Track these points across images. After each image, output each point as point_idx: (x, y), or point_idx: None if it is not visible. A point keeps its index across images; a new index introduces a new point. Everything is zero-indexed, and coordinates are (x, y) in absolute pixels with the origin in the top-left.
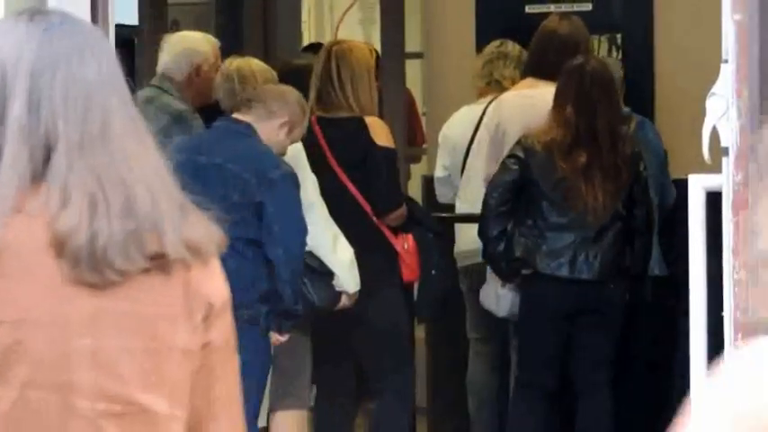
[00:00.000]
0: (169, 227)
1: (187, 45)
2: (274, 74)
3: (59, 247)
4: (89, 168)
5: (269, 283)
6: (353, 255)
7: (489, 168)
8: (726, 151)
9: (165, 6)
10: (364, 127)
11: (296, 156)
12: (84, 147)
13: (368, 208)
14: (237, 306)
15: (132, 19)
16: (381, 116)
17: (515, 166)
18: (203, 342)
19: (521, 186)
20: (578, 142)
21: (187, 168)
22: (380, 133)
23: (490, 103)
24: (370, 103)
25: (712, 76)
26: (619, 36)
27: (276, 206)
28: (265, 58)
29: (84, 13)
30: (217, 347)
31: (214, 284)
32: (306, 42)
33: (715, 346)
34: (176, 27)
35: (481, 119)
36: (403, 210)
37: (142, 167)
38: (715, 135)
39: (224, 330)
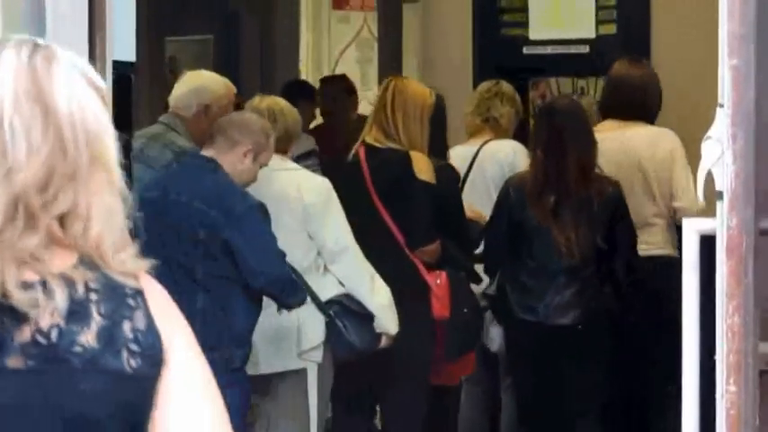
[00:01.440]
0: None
1: (199, 83)
2: (297, 113)
3: None
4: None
5: (247, 321)
6: (391, 295)
7: None
8: (720, 195)
9: (163, 43)
10: (408, 160)
11: (328, 200)
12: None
13: (402, 240)
14: (208, 349)
15: (130, 55)
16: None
17: (500, 211)
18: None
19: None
20: (548, 184)
21: (157, 205)
22: (423, 168)
23: (485, 143)
24: (420, 140)
25: (709, 119)
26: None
27: (246, 239)
28: (262, 95)
29: (81, 48)
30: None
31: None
32: (304, 78)
33: (707, 390)
34: (174, 63)
35: (474, 160)
36: (437, 245)
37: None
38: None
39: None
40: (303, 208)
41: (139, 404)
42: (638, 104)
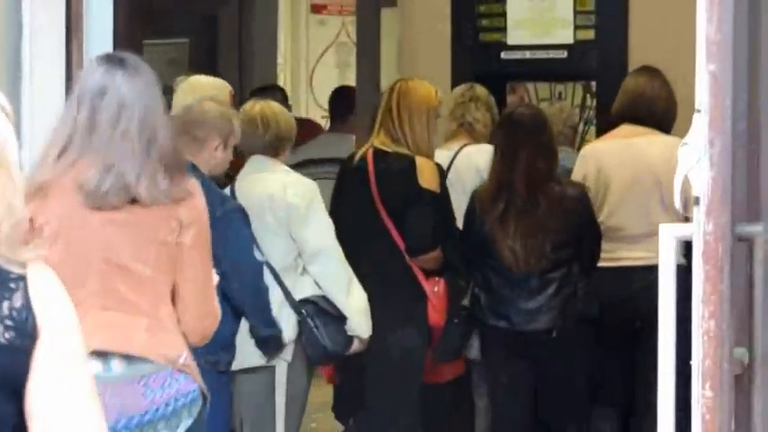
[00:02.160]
0: (153, 184)
1: (207, 94)
2: (291, 118)
3: (80, 188)
4: (114, 148)
5: (231, 327)
6: (367, 300)
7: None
8: (697, 201)
9: (141, 47)
10: (413, 166)
11: (311, 201)
12: (111, 137)
13: (402, 246)
14: (198, 354)
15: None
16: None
17: (468, 218)
18: (176, 241)
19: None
20: (499, 191)
21: None
22: (427, 175)
23: (462, 148)
24: (426, 143)
25: (685, 120)
26: (593, 84)
27: (222, 244)
28: (240, 100)
29: (58, 55)
30: (186, 246)
31: (187, 209)
32: (282, 83)
33: (684, 395)
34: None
35: (450, 164)
36: (436, 254)
37: (146, 151)
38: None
39: (192, 237)
40: (286, 208)
41: (15, 372)
42: (657, 112)
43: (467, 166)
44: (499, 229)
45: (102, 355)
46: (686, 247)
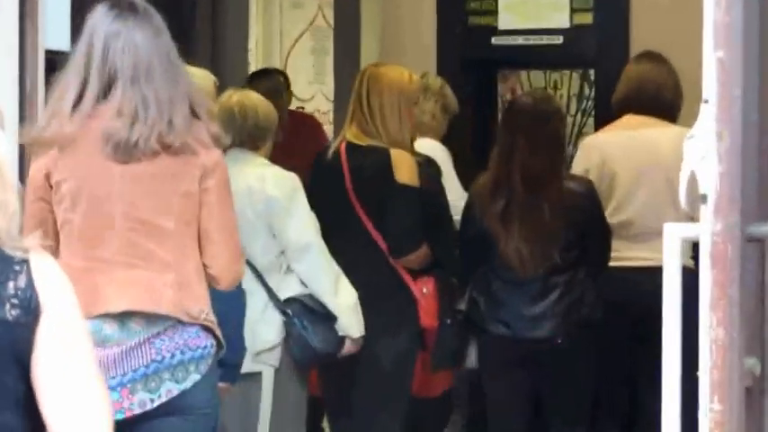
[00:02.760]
0: (180, 130)
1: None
2: (272, 108)
3: (107, 139)
4: (135, 95)
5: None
6: (357, 297)
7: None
8: (704, 198)
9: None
10: (388, 161)
11: (293, 194)
12: (132, 82)
13: (384, 248)
14: None
15: (64, 44)
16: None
17: (467, 217)
18: (202, 188)
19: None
20: (498, 187)
21: None
22: (403, 169)
23: None
24: (399, 134)
25: (687, 111)
26: (591, 72)
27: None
28: (235, 89)
29: (11, 37)
30: (213, 191)
31: (208, 156)
32: (252, 71)
33: (690, 407)
34: None
35: None
36: (420, 252)
37: (169, 96)
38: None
39: (216, 182)
40: (265, 201)
41: (21, 347)
42: (662, 100)
43: None
44: (501, 228)
45: (122, 315)
46: (694, 249)
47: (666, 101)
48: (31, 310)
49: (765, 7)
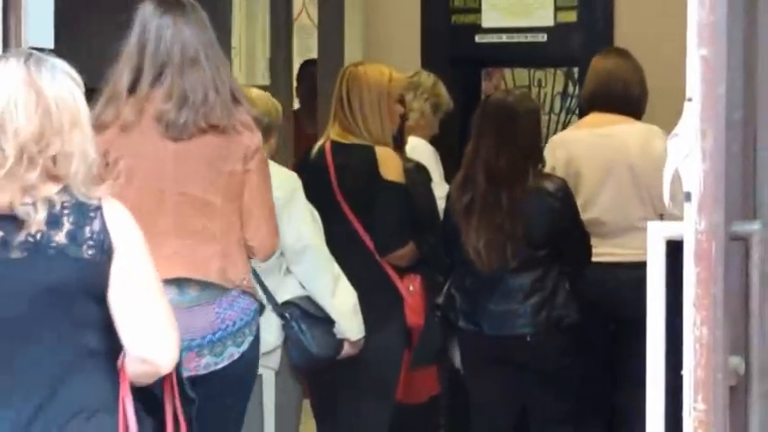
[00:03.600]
0: (224, 112)
1: None
2: (276, 102)
3: (159, 119)
4: (184, 81)
5: None
6: (356, 299)
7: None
8: (688, 197)
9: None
10: (373, 158)
11: (292, 194)
12: (181, 69)
13: (371, 246)
14: None
15: (48, 41)
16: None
17: (446, 213)
18: (244, 169)
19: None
20: (467, 181)
21: None
22: (390, 167)
23: None
24: (380, 132)
25: (672, 110)
26: (576, 70)
27: None
28: None
29: None
30: (254, 172)
31: (251, 138)
32: (236, 70)
33: (673, 407)
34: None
35: None
36: (406, 250)
37: (213, 81)
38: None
39: (257, 163)
40: None
41: (98, 281)
42: (629, 98)
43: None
44: (463, 223)
45: (178, 281)
46: (668, 246)
47: (633, 98)
48: (104, 250)
49: (749, 6)
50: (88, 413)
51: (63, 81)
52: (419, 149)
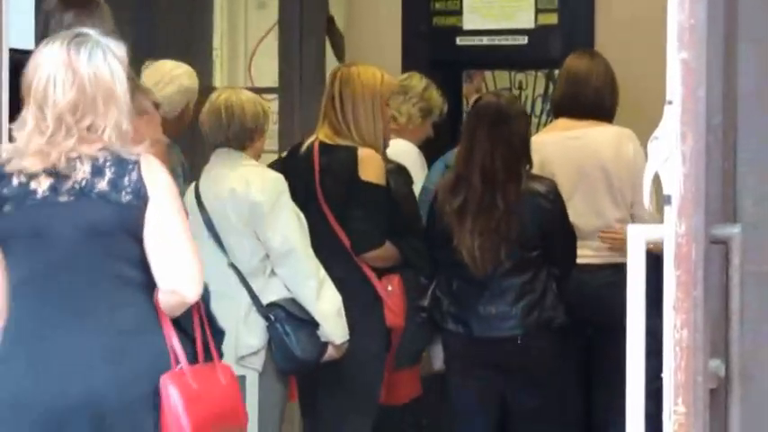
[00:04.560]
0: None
1: (186, 84)
2: (264, 105)
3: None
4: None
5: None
6: (341, 302)
7: None
8: (668, 200)
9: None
10: (354, 159)
11: (278, 198)
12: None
13: (348, 245)
14: None
15: (29, 43)
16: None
17: (431, 214)
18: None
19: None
20: (458, 184)
21: None
22: (369, 168)
23: None
24: (372, 134)
25: (652, 114)
26: (557, 72)
27: None
28: (224, 87)
29: None
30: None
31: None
32: (217, 72)
33: (655, 410)
34: None
35: None
36: (382, 251)
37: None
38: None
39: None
40: (249, 206)
41: (135, 223)
42: (600, 103)
43: None
44: (456, 225)
45: None
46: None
47: (604, 103)
48: (140, 196)
49: (729, 9)
50: (137, 333)
51: (100, 60)
52: (404, 152)
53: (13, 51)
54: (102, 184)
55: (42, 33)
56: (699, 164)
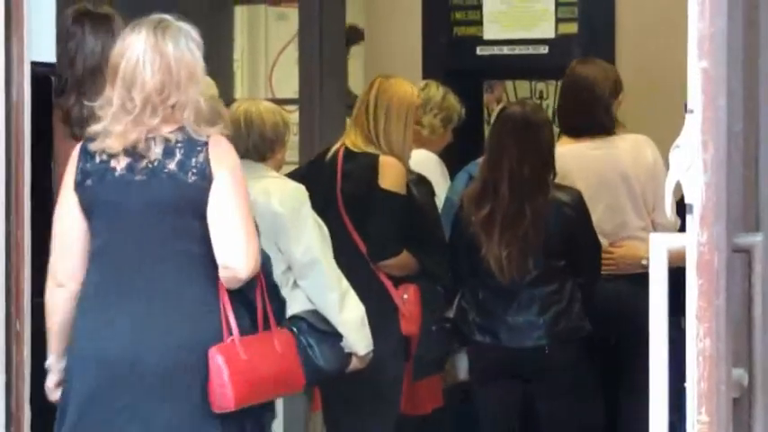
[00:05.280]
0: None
1: None
2: (284, 115)
3: (65, 119)
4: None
5: None
6: (364, 313)
7: None
8: (690, 209)
9: None
10: (375, 166)
11: (299, 209)
12: (82, 78)
13: (365, 252)
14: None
15: (50, 56)
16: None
17: (456, 224)
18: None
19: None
20: (485, 193)
21: None
22: (389, 176)
23: None
24: (401, 145)
25: (673, 122)
26: None
27: None
28: (244, 98)
29: None
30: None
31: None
32: (238, 84)
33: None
34: None
35: None
36: (399, 260)
37: None
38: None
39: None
40: (271, 217)
41: (200, 201)
42: (599, 125)
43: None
44: (484, 234)
45: None
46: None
47: (602, 123)
48: (205, 177)
49: (749, 17)
50: (195, 305)
51: (184, 44)
52: (425, 162)
53: (34, 65)
54: (172, 165)
55: (62, 50)
56: (720, 172)
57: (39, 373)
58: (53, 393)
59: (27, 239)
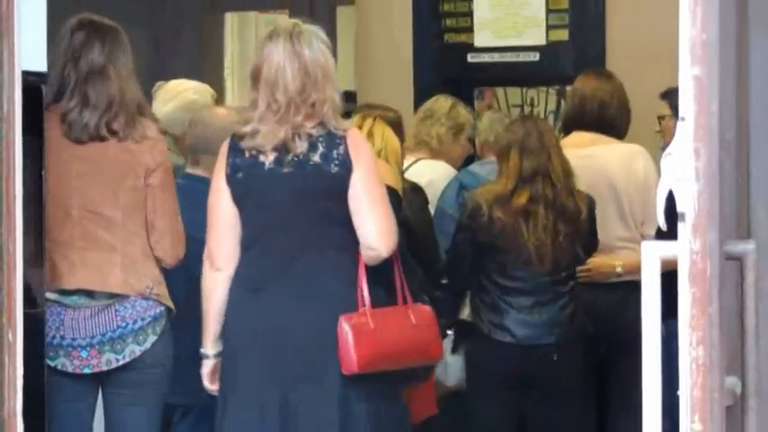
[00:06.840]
0: (127, 121)
1: (188, 99)
2: None
3: (63, 119)
4: (88, 87)
5: None
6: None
7: None
8: (682, 217)
9: None
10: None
11: None
12: (87, 78)
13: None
14: None
15: (41, 65)
16: None
17: (463, 226)
18: (145, 184)
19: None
20: (521, 184)
21: None
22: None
23: (416, 162)
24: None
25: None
26: (568, 89)
27: None
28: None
29: None
30: (153, 187)
31: (151, 151)
32: (229, 91)
33: (669, 427)
34: None
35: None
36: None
37: (120, 91)
38: None
39: (160, 176)
40: None
41: (341, 188)
42: (604, 116)
43: (415, 178)
44: (523, 221)
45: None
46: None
47: (608, 119)
48: (346, 167)
49: (741, 24)
50: (335, 282)
51: (317, 45)
52: (439, 173)
53: (25, 74)
54: (316, 157)
55: (64, 60)
56: (712, 180)
57: (31, 384)
58: (211, 381)
59: (19, 250)
